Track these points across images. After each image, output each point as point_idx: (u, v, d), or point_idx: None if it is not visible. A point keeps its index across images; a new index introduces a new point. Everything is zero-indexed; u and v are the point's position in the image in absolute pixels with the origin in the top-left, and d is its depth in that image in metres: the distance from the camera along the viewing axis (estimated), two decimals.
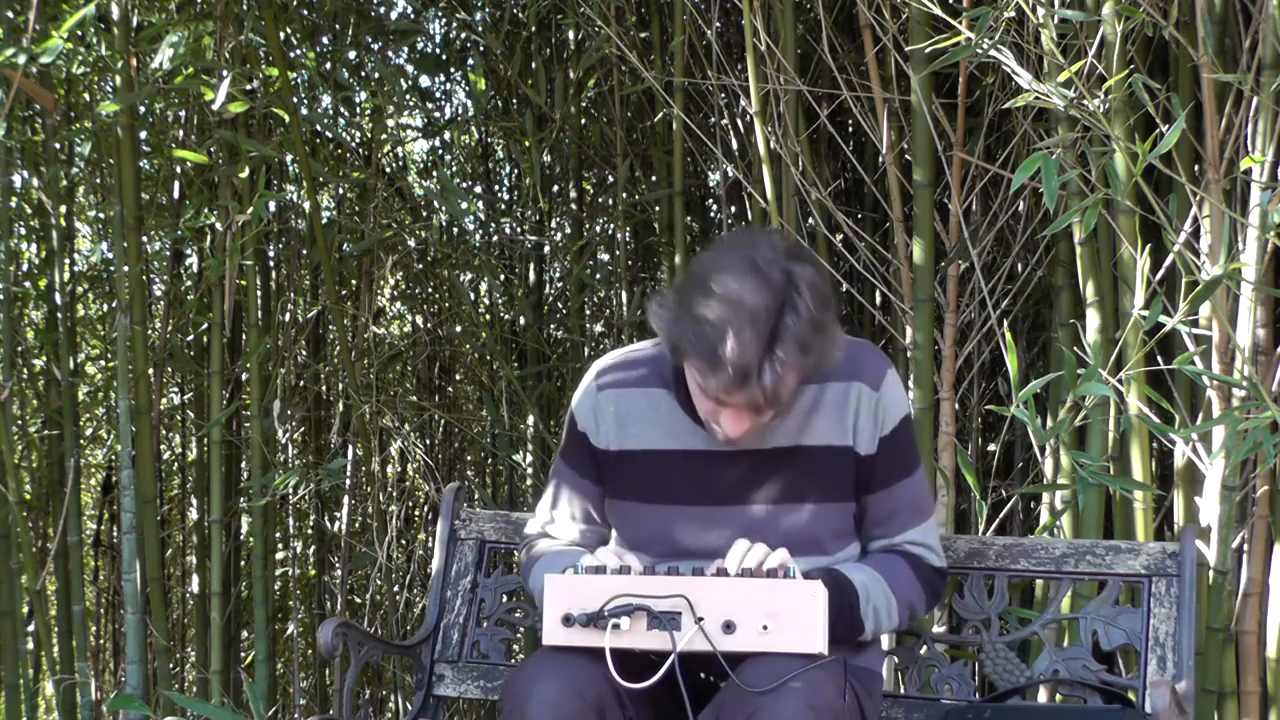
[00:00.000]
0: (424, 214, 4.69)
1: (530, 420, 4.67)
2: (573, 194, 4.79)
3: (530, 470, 4.71)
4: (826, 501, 2.22)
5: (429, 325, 5.02)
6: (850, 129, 4.12)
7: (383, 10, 4.51)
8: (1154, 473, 3.10)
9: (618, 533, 2.34)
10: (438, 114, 4.92)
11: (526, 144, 4.34)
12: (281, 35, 4.02)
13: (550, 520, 2.41)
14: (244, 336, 4.36)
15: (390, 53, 4.57)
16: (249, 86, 3.93)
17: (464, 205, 4.68)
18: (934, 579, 2.31)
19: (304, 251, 4.56)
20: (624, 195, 4.42)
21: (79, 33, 3.69)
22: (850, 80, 3.48)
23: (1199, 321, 2.80)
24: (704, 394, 2.09)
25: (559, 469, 2.40)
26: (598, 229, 4.87)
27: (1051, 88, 2.56)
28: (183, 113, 4.29)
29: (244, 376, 4.36)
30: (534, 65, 4.51)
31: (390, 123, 4.66)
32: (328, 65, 4.32)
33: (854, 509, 2.26)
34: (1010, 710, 2.32)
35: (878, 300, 4.02)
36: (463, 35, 4.69)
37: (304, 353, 4.78)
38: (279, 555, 4.94)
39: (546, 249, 4.90)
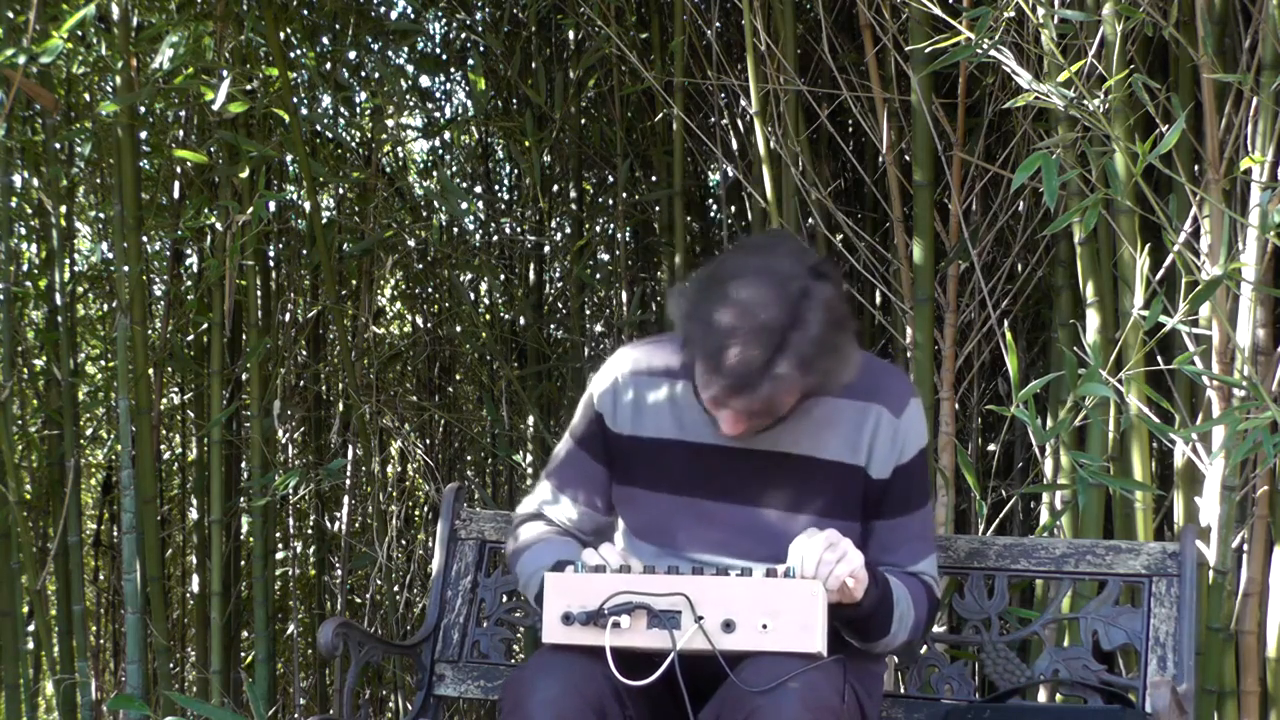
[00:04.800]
0: (424, 214, 4.69)
1: (530, 420, 4.67)
2: (573, 194, 4.79)
3: (530, 470, 4.70)
4: (829, 516, 2.22)
5: (429, 325, 5.02)
6: (850, 129, 4.11)
7: (383, 10, 4.51)
8: (1154, 473, 3.10)
9: (622, 518, 2.34)
10: (438, 114, 4.92)
11: (526, 144, 4.34)
12: (281, 35, 4.02)
13: (550, 500, 2.38)
14: (244, 336, 4.36)
15: (390, 53, 4.57)
16: (249, 86, 3.93)
17: (464, 205, 4.68)
18: (934, 609, 2.33)
19: (304, 251, 4.56)
20: (624, 195, 4.41)
21: (79, 33, 3.69)
22: (850, 80, 3.48)
23: (1199, 321, 2.80)
24: (703, 390, 2.11)
25: (567, 449, 2.37)
26: (598, 229, 4.87)
27: (1051, 88, 2.56)
28: (183, 113, 4.28)
29: (244, 376, 4.36)
30: (534, 65, 4.51)
31: (390, 123, 4.66)
32: (328, 65, 4.32)
33: (858, 529, 2.25)
34: (1010, 710, 2.32)
35: (878, 300, 4.02)
36: (463, 35, 4.69)
37: (304, 353, 4.78)
38: (279, 555, 4.93)
39: (546, 249, 4.90)
